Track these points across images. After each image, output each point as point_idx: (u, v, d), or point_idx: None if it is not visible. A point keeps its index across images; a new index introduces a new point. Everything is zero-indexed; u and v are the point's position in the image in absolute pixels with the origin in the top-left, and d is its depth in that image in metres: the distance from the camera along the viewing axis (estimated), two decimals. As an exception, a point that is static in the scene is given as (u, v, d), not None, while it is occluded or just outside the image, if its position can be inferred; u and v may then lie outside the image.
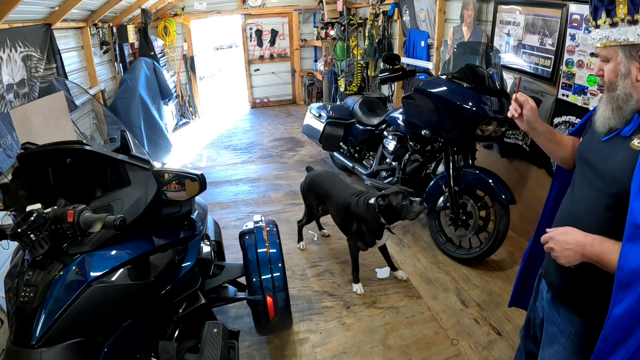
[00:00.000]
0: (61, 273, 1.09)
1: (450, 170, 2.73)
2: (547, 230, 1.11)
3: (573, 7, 2.38)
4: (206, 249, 1.90)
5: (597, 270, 1.00)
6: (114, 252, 1.25)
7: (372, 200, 2.34)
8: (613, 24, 0.97)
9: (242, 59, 7.47)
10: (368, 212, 2.38)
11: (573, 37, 2.42)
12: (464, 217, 2.71)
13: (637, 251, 0.88)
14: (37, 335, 1.02)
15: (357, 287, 2.58)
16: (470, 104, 2.47)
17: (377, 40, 5.17)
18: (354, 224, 2.50)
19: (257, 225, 2.03)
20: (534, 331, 1.38)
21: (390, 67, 2.91)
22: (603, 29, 1.00)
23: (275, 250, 1.91)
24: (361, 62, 5.61)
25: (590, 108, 2.38)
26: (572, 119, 2.51)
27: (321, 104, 4.37)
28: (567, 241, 1.02)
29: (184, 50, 6.85)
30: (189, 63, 6.93)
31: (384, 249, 2.69)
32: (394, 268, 2.72)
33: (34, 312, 1.03)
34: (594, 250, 0.97)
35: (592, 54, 2.31)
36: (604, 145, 1.08)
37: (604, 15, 0.99)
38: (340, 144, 4.10)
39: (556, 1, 2.50)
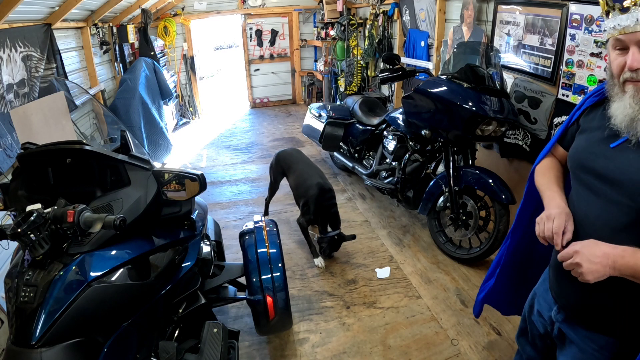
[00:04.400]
0: (61, 273, 1.09)
1: (450, 170, 2.73)
2: (567, 244, 1.00)
3: (573, 7, 2.38)
4: (206, 249, 1.90)
5: (615, 285, 0.93)
6: (114, 252, 1.25)
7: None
8: None
9: (242, 59, 7.47)
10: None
11: (573, 37, 2.41)
12: (464, 217, 2.71)
13: None
14: (37, 335, 1.02)
15: (318, 261, 2.83)
16: (470, 103, 2.47)
17: (377, 40, 5.17)
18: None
19: (257, 225, 2.03)
20: (532, 338, 1.34)
21: (390, 67, 2.91)
22: (633, 11, 0.88)
23: (275, 250, 1.91)
24: (361, 62, 5.60)
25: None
26: (572, 119, 2.51)
27: (321, 104, 4.36)
28: (594, 254, 0.91)
29: (184, 50, 6.85)
30: (189, 63, 6.93)
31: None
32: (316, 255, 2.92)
33: (34, 312, 1.03)
34: (627, 262, 0.88)
35: (592, 54, 2.31)
36: (615, 152, 0.96)
37: None
38: (340, 144, 4.09)
39: (556, 1, 2.50)
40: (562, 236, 1.04)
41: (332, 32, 6.38)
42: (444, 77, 2.71)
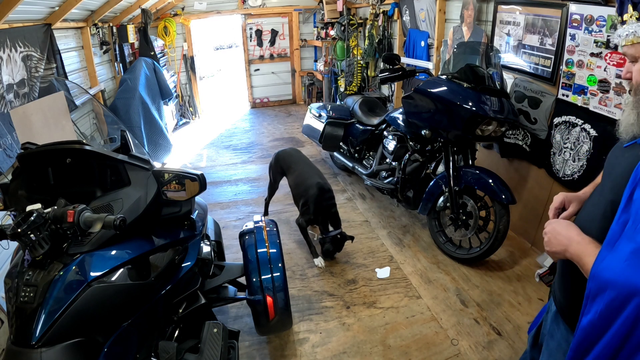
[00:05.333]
0: (61, 273, 1.09)
1: (450, 170, 2.73)
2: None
3: (573, 7, 2.38)
4: (206, 249, 1.90)
5: None
6: (114, 252, 1.25)
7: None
8: None
9: (242, 59, 7.47)
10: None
11: (573, 37, 2.42)
12: (464, 217, 2.71)
13: (610, 262, 0.82)
14: (37, 335, 1.02)
15: (318, 261, 2.83)
16: (470, 103, 2.47)
17: (377, 40, 5.17)
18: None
19: (257, 225, 2.03)
20: (542, 337, 1.33)
21: (390, 67, 2.91)
22: (630, 24, 0.92)
23: (275, 250, 1.91)
24: (361, 62, 5.60)
25: (591, 108, 2.38)
26: (572, 119, 2.51)
27: (321, 104, 4.36)
28: (560, 232, 0.98)
29: (184, 50, 6.85)
30: (189, 63, 6.93)
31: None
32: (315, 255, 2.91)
33: (34, 312, 1.03)
34: (576, 249, 0.92)
35: (592, 54, 2.31)
36: (621, 151, 1.01)
37: (630, 9, 0.92)
38: (340, 144, 4.09)
39: (556, 1, 2.50)
40: (557, 213, 1.20)
41: (332, 32, 6.38)
42: (444, 77, 2.71)
